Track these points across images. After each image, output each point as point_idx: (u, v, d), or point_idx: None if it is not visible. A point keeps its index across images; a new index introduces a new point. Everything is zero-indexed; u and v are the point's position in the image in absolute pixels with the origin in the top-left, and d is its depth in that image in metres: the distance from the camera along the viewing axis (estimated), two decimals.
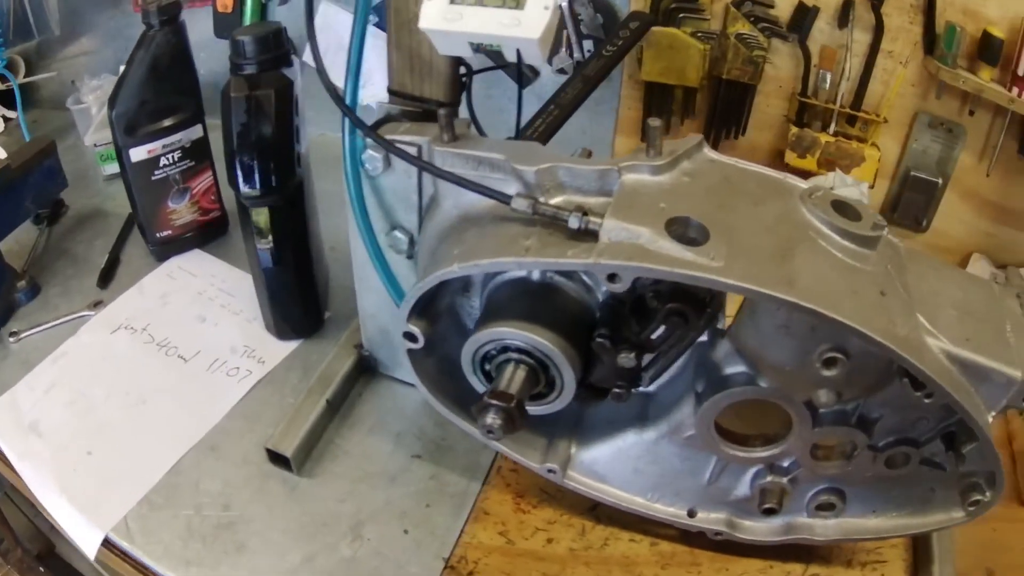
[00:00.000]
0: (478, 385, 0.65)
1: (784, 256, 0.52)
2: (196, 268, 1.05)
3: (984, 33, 0.93)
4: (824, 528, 0.67)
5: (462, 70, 0.69)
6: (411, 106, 0.69)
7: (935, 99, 1.00)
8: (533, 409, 0.63)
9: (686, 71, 1.02)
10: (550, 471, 0.70)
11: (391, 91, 0.69)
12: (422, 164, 0.62)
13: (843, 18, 0.97)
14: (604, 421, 0.70)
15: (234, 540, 0.73)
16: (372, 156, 0.66)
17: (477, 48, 0.59)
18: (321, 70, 0.64)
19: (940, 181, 1.05)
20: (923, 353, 0.52)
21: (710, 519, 0.69)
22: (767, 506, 0.64)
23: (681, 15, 1.01)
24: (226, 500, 0.76)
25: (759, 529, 0.69)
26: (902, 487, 0.63)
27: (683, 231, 0.53)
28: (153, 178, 0.98)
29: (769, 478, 0.64)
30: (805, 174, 1.02)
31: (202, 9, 1.22)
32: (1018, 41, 0.92)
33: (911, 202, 1.09)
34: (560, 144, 0.73)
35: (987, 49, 0.93)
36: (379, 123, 0.67)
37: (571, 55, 1.07)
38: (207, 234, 1.09)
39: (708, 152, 0.60)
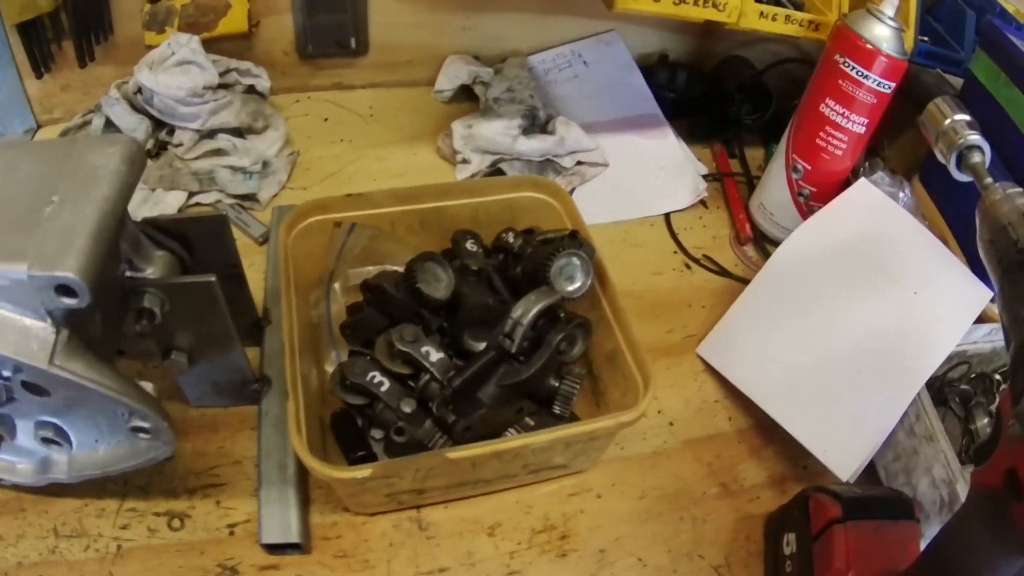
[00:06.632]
0: None
1: None
2: None
3: None
4: (64, 465, 0.68)
5: None
6: None
7: None
8: None
9: (36, 0, 0.94)
10: None
11: None
12: None
13: None
14: None
15: None
16: None
17: None
18: None
19: None
20: None
21: None
22: None
23: None
24: None
25: (26, 471, 0.69)
26: (94, 413, 0.62)
27: None
28: None
29: None
30: None
31: None
32: None
33: (323, 26, 1.08)
34: None
35: None
36: None
37: None
38: None
39: None
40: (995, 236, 0.56)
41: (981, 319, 0.82)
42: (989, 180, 0.64)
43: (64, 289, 0.49)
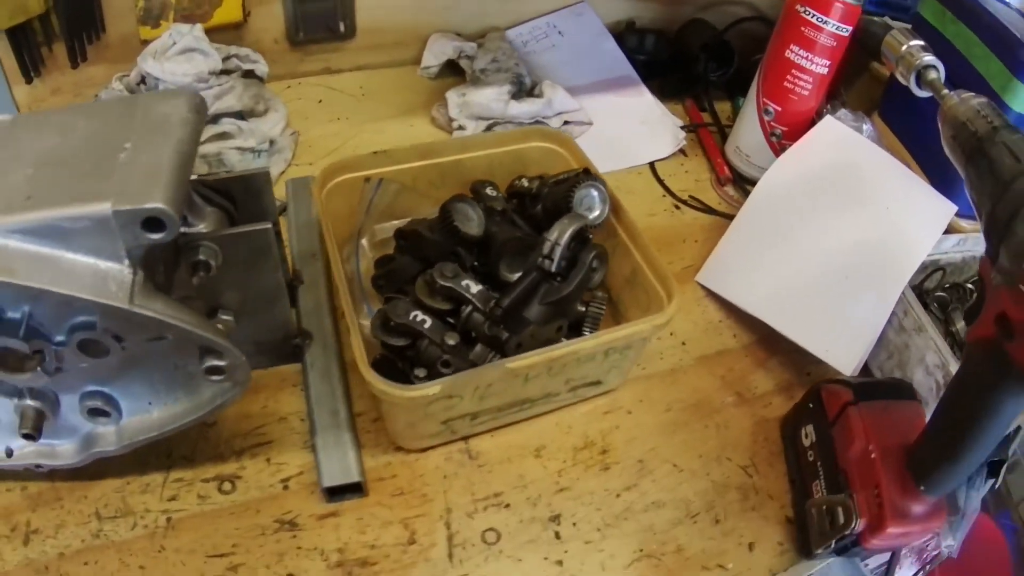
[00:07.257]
0: None
1: None
2: None
3: None
4: (112, 436, 0.66)
5: None
6: None
7: None
8: None
9: (26, 4, 0.95)
10: None
11: None
12: None
13: None
14: None
15: None
16: None
17: None
18: None
19: None
20: None
21: (25, 454, 0.67)
22: (24, 431, 0.61)
23: None
24: None
25: (67, 452, 0.67)
26: (152, 371, 0.62)
27: None
28: None
29: (22, 401, 0.61)
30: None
31: None
32: None
33: (314, 12, 1.13)
34: None
35: None
36: None
37: None
38: None
39: None
40: (956, 132, 0.64)
41: (949, 230, 0.90)
42: (946, 91, 0.71)
43: (151, 223, 0.51)
